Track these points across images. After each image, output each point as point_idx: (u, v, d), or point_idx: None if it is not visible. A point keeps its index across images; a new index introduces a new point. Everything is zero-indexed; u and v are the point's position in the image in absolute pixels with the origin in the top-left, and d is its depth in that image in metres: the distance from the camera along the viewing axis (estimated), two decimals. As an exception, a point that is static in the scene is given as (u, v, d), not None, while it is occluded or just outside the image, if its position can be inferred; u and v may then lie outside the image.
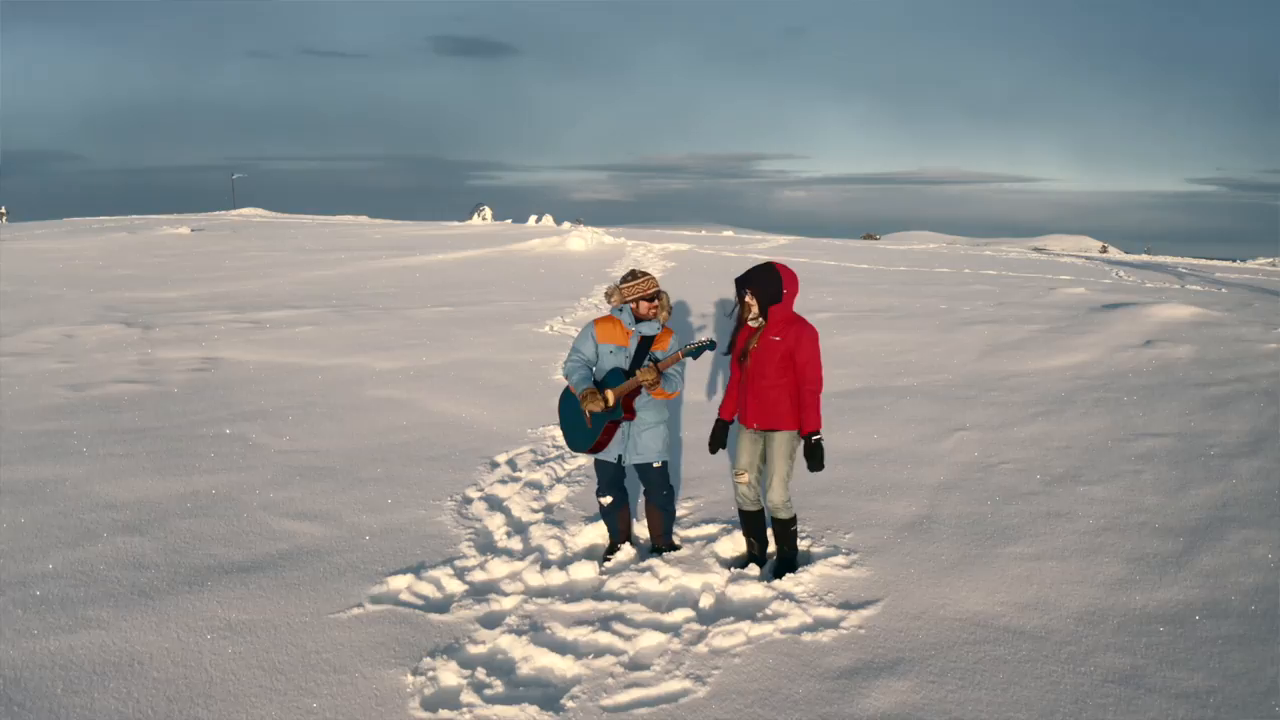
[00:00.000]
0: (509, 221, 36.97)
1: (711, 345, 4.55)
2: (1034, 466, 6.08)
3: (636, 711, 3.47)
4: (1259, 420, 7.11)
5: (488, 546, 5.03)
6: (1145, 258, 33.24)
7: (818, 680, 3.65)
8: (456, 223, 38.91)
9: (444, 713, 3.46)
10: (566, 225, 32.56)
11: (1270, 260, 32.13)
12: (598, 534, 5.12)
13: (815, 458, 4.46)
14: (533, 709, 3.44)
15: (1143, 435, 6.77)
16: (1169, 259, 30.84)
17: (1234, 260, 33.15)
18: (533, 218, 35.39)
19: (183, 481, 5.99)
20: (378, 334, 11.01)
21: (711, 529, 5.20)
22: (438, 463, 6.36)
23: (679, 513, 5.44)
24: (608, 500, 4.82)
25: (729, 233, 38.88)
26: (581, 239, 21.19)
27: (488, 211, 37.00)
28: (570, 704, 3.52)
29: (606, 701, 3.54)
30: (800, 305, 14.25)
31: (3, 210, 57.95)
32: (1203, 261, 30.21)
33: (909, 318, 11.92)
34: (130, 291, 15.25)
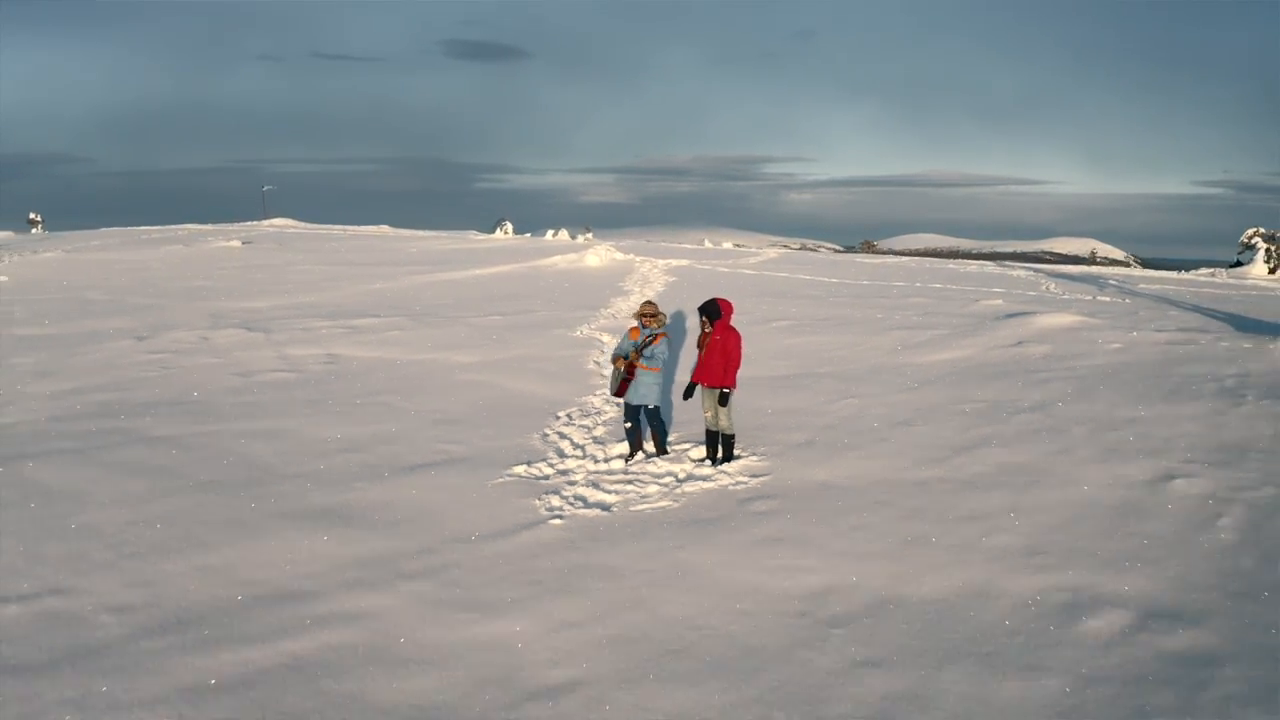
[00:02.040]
0: (529, 235, 40.87)
1: (652, 344, 8.61)
2: (885, 418, 9.87)
3: (645, 511, 7.36)
4: (1051, 394, 10.71)
5: (562, 454, 8.90)
6: (1095, 269, 36.83)
7: (732, 503, 7.53)
8: (479, 234, 42.74)
9: (556, 511, 7.33)
10: (580, 239, 36.35)
11: (1210, 271, 35.53)
12: (623, 448, 8.99)
13: (724, 400, 8.34)
14: (596, 509, 7.37)
15: (967, 401, 10.52)
16: (1142, 271, 34.49)
17: (1180, 271, 36.74)
18: (550, 232, 39.28)
19: (365, 429, 9.77)
20: (452, 337, 14.70)
21: (688, 445, 9.09)
22: (522, 416, 10.19)
23: (670, 437, 9.30)
24: (629, 425, 8.72)
25: (729, 244, 42.62)
26: (597, 256, 25.03)
27: (509, 226, 40.91)
28: (614, 509, 7.42)
29: (632, 509, 7.44)
30: (766, 315, 18.19)
31: (39, 219, 60.74)
32: (1149, 271, 33.86)
33: (849, 324, 15.71)
34: (222, 301, 18.31)
